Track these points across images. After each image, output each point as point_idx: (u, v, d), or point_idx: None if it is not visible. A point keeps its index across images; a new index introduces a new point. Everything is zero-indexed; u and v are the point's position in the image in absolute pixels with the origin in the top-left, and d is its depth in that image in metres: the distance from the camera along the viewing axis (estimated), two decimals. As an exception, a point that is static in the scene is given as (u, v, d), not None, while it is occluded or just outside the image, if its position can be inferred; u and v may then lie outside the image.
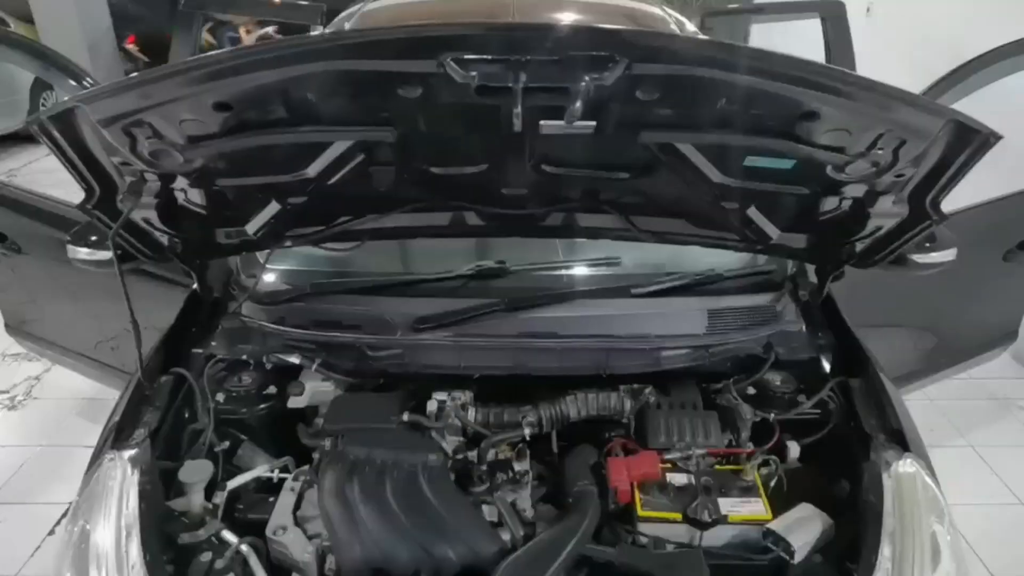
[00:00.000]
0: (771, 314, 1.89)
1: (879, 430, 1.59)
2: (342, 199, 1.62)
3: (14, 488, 2.99)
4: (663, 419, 1.71)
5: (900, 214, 1.49)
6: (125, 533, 1.36)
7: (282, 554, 1.48)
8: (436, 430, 1.68)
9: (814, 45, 2.99)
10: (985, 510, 2.88)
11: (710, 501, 1.51)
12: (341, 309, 1.84)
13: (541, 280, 1.92)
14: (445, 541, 1.43)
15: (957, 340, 2.85)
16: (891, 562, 1.33)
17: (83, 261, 1.99)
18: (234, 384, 1.82)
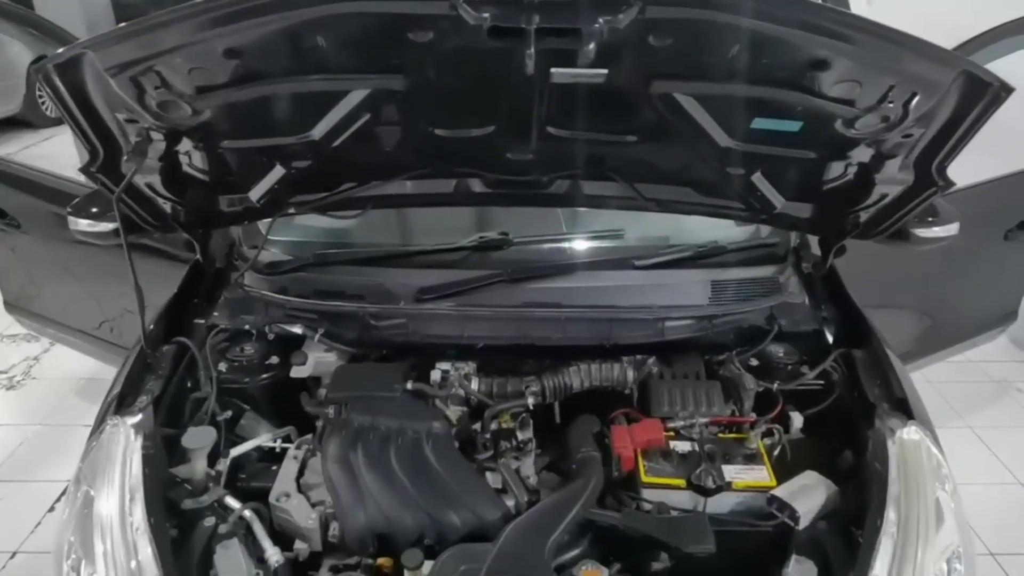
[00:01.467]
0: (774, 286, 1.88)
1: (883, 399, 1.59)
2: (346, 164, 1.61)
3: (13, 466, 2.99)
4: (666, 389, 1.71)
5: (905, 181, 1.48)
6: (129, 497, 1.36)
7: (285, 520, 1.48)
8: (440, 399, 1.67)
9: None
10: (984, 490, 2.89)
11: (714, 468, 1.51)
12: (344, 279, 1.83)
13: (544, 252, 1.91)
14: (449, 507, 1.43)
15: (957, 320, 2.85)
16: (896, 526, 1.33)
17: (84, 233, 1.98)
18: (236, 354, 1.81)
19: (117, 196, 1.43)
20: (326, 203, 1.68)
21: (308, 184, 1.64)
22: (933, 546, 1.32)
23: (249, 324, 1.82)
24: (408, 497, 1.45)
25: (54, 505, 2.76)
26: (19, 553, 2.56)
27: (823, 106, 1.31)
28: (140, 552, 1.28)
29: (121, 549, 1.28)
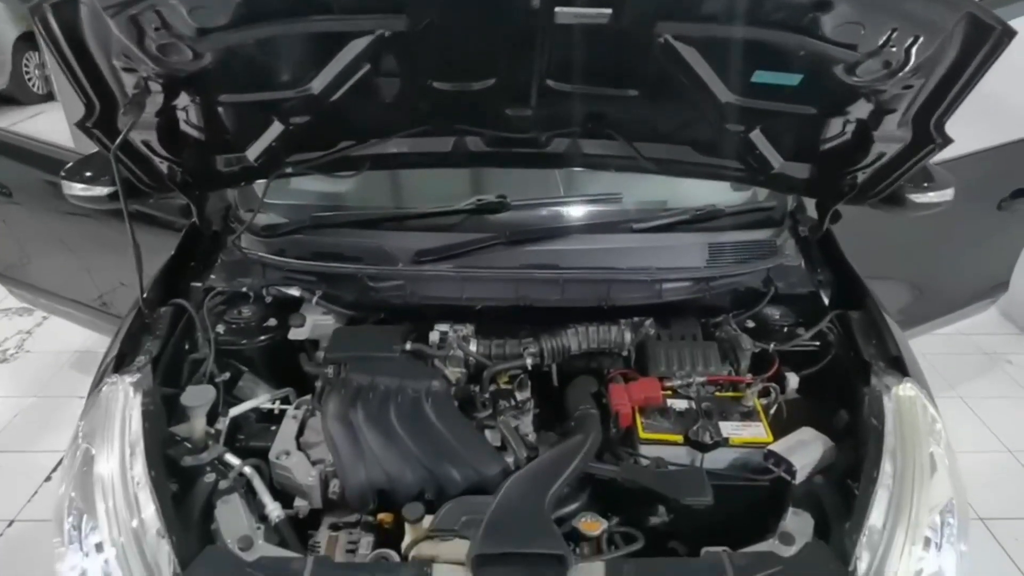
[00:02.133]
0: (771, 249, 1.89)
1: (878, 358, 1.60)
2: (344, 120, 1.59)
3: (9, 438, 2.99)
4: (663, 349, 1.72)
5: (904, 139, 1.48)
6: (129, 452, 1.36)
7: (286, 478, 1.48)
8: (439, 359, 1.68)
9: None
10: (974, 457, 2.93)
11: (711, 424, 1.52)
12: (341, 241, 1.83)
13: (541, 215, 1.91)
14: (450, 463, 1.44)
15: (949, 290, 2.87)
16: (891, 478, 1.35)
17: (78, 198, 1.97)
18: (234, 316, 1.81)
19: (115, 149, 1.42)
20: (323, 162, 1.67)
21: (306, 142, 1.63)
22: (928, 498, 1.34)
23: (246, 287, 1.81)
24: (408, 453, 1.46)
25: (51, 475, 2.76)
26: (16, 522, 2.56)
27: (825, 50, 1.30)
28: (142, 506, 1.28)
29: (122, 504, 1.28)
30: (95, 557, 1.27)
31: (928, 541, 1.30)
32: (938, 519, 1.34)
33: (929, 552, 1.30)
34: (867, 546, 1.27)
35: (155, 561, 1.23)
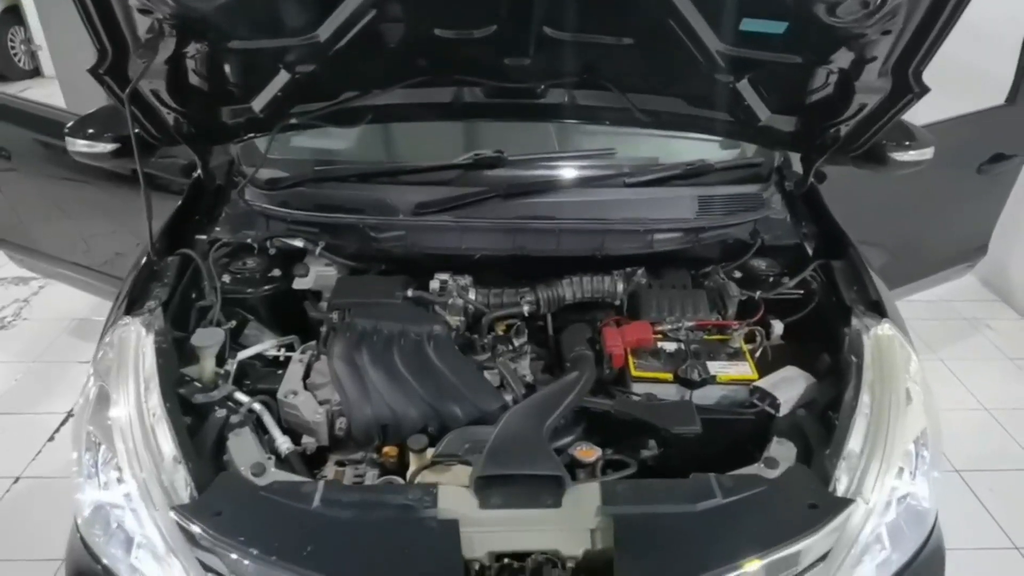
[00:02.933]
0: (758, 202, 1.96)
1: (859, 302, 1.68)
2: (348, 70, 1.64)
3: (11, 400, 3.03)
4: (654, 297, 1.79)
5: (884, 88, 1.55)
6: (144, 387, 1.41)
7: (293, 416, 1.54)
8: (439, 305, 1.74)
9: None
10: (952, 415, 3.03)
11: (699, 364, 1.59)
12: (343, 194, 1.88)
13: (538, 170, 1.97)
14: (451, 400, 1.51)
15: (932, 251, 2.95)
16: (869, 408, 1.43)
17: (81, 154, 2.01)
18: (239, 267, 1.86)
19: (129, 91, 1.46)
20: (327, 112, 1.72)
21: (310, 93, 1.68)
22: (903, 428, 1.42)
23: (251, 238, 1.86)
24: (411, 391, 1.52)
25: (54, 435, 2.82)
26: (22, 478, 2.61)
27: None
28: (158, 436, 1.34)
29: (139, 435, 1.34)
30: (114, 487, 1.33)
31: (903, 468, 1.38)
32: (912, 448, 1.42)
33: (903, 477, 1.39)
34: (845, 469, 1.35)
35: (172, 486, 1.28)
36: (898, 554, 1.35)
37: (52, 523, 2.40)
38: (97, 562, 1.32)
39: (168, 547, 1.24)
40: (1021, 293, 3.84)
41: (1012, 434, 2.94)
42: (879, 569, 1.32)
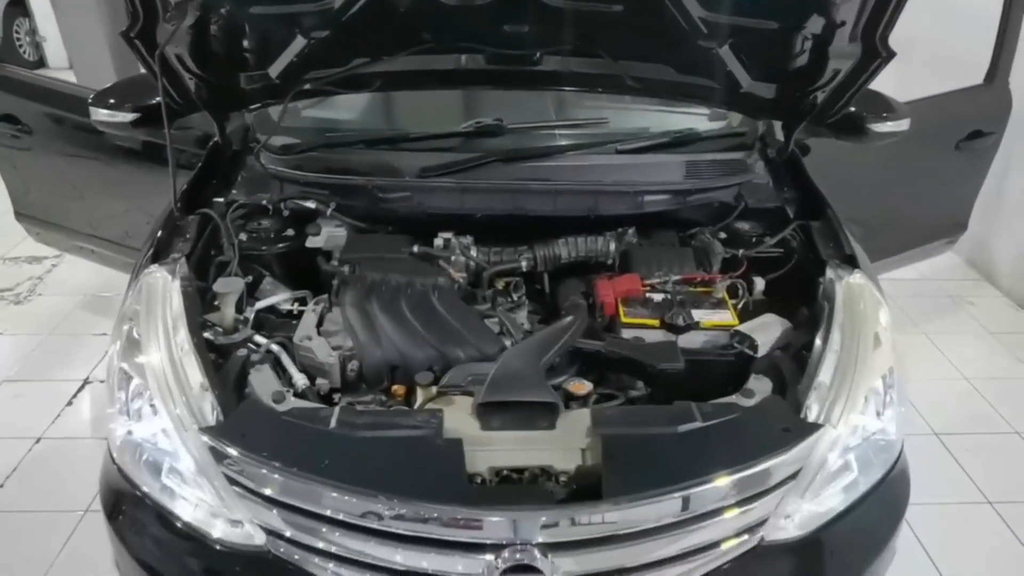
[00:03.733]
0: (742, 167, 2.09)
1: (834, 256, 1.80)
2: (359, 36, 1.76)
3: (30, 368, 3.15)
4: (644, 254, 1.91)
5: (854, 54, 1.67)
6: (172, 326, 1.53)
7: (309, 358, 1.66)
8: (443, 259, 1.87)
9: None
10: (934, 384, 3.17)
11: (684, 311, 1.71)
12: (353, 158, 2.00)
13: (535, 137, 2.09)
14: (455, 343, 1.63)
15: (913, 225, 3.07)
16: (839, 346, 1.55)
17: (104, 124, 2.13)
18: (254, 227, 1.98)
19: (159, 53, 1.58)
20: (338, 78, 1.84)
21: (322, 59, 1.80)
22: (871, 366, 1.54)
23: (266, 200, 1.98)
24: (418, 336, 1.65)
25: (72, 400, 2.94)
26: (43, 439, 2.73)
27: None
28: (187, 368, 1.46)
29: (169, 367, 1.46)
30: (146, 417, 1.45)
31: (867, 399, 1.51)
32: (880, 384, 1.54)
33: (870, 411, 1.51)
34: (816, 399, 1.47)
35: (200, 412, 1.40)
36: (865, 478, 1.47)
37: (72, 479, 2.55)
38: (131, 485, 1.44)
39: (198, 467, 1.36)
40: (1002, 272, 3.97)
41: (989, 401, 3.07)
42: (846, 490, 1.45)
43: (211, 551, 1.34)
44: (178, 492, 1.39)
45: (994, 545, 2.38)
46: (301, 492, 1.28)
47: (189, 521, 1.37)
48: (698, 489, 1.29)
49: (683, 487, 1.28)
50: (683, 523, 1.29)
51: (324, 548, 1.28)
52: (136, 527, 1.44)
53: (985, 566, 2.29)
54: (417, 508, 1.24)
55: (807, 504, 1.40)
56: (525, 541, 1.23)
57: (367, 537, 1.26)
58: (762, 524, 1.36)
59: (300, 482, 1.28)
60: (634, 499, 1.26)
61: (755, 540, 1.36)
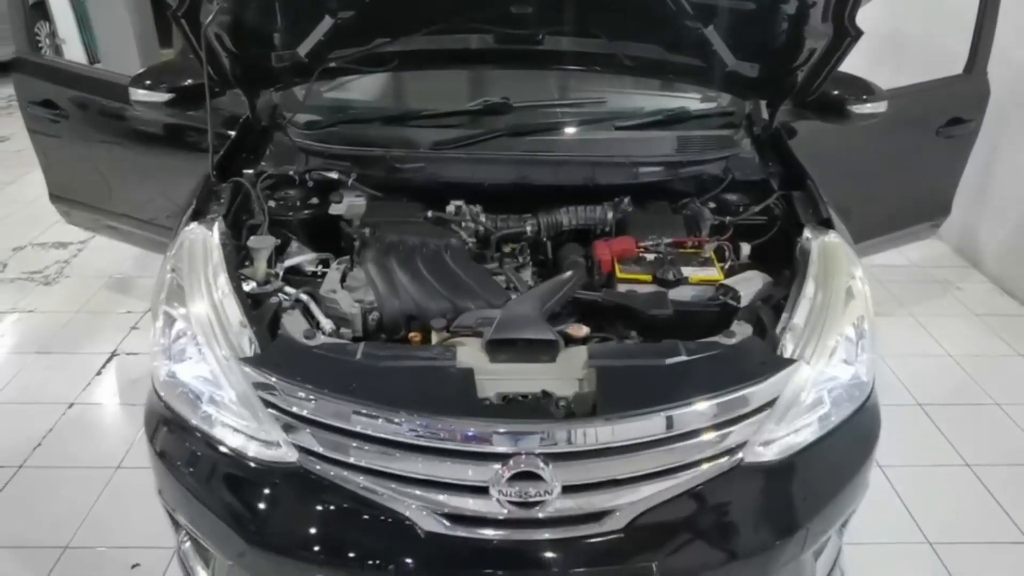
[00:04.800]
0: (730, 142, 2.26)
1: (812, 220, 1.97)
2: (379, 17, 1.94)
3: (61, 341, 3.33)
4: (639, 220, 2.08)
5: (827, 34, 1.84)
6: (212, 274, 1.71)
7: (333, 309, 1.82)
8: (455, 223, 2.04)
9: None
10: (918, 360, 3.32)
11: (675, 268, 1.88)
12: (372, 133, 2.18)
13: (539, 115, 2.27)
14: (466, 295, 1.80)
15: (896, 208, 3.22)
16: (814, 293, 1.71)
17: (141, 103, 2.32)
18: (282, 195, 2.15)
19: (204, 30, 1.76)
20: (360, 56, 2.02)
21: (347, 38, 1.97)
22: (843, 312, 1.69)
23: (292, 171, 2.16)
24: (432, 289, 1.82)
25: (101, 370, 3.12)
26: (75, 404, 2.91)
27: None
28: (226, 307, 1.63)
29: (210, 308, 1.62)
30: (189, 353, 1.61)
31: (839, 344, 1.66)
32: (852, 331, 1.70)
33: (841, 352, 1.66)
34: (791, 339, 1.63)
35: (239, 346, 1.57)
36: (837, 411, 1.62)
37: (103, 439, 2.73)
38: (173, 414, 1.61)
39: (237, 394, 1.52)
40: (988, 259, 4.13)
41: (971, 375, 3.23)
42: (820, 422, 1.60)
43: (248, 469, 1.50)
44: (218, 418, 1.55)
45: (970, 504, 2.53)
46: (331, 412, 1.45)
47: (228, 444, 1.52)
48: (681, 411, 1.45)
49: (667, 408, 1.44)
50: (668, 440, 1.44)
51: (351, 462, 1.44)
52: (179, 452, 1.59)
53: (963, 523, 2.44)
54: (435, 423, 1.40)
55: (782, 432, 1.55)
56: (528, 452, 1.39)
57: (390, 450, 1.42)
58: (741, 447, 1.51)
59: (330, 403, 1.45)
60: (624, 417, 1.42)
61: (735, 462, 1.50)
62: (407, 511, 1.41)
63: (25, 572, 2.16)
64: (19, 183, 5.22)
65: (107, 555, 2.23)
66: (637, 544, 1.43)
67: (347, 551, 1.43)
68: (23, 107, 3.03)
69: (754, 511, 1.52)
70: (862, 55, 2.92)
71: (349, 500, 1.43)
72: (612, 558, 1.42)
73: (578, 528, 1.42)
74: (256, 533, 1.47)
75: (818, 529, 1.59)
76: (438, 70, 2.21)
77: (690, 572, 1.47)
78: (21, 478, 2.53)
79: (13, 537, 2.28)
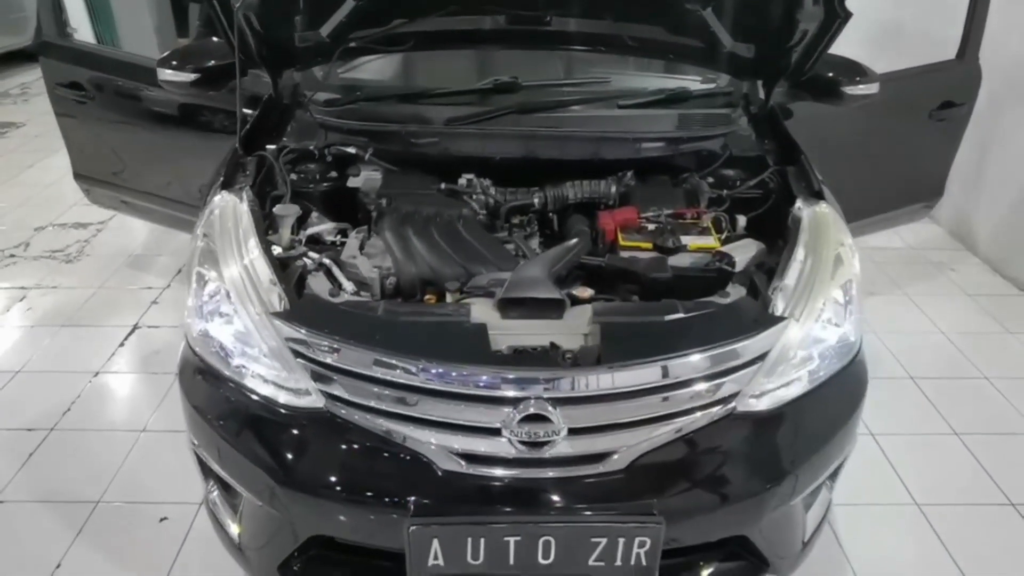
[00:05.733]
0: (728, 120, 2.37)
1: (804, 191, 2.08)
2: None
3: (85, 315, 3.47)
4: (640, 193, 2.20)
5: (818, 15, 1.95)
6: (242, 236, 1.83)
7: (353, 273, 1.94)
8: (466, 195, 2.16)
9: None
10: (911, 336, 3.44)
11: (674, 236, 2.00)
12: (388, 110, 2.30)
13: (547, 94, 2.38)
14: (478, 261, 1.92)
15: (889, 189, 3.33)
16: (804, 258, 1.82)
17: (168, 83, 2.44)
18: (302, 169, 2.27)
19: (238, 9, 1.88)
20: (379, 36, 2.14)
21: (366, 20, 2.09)
22: (833, 275, 1.79)
23: (313, 146, 2.28)
24: (446, 255, 1.94)
25: (124, 341, 3.25)
26: (100, 373, 3.04)
27: None
28: (257, 267, 1.75)
29: (241, 268, 1.74)
30: (223, 309, 1.72)
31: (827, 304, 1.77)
32: (840, 292, 1.81)
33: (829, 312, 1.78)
34: (781, 298, 1.74)
35: (269, 302, 1.69)
36: (826, 368, 1.74)
37: (129, 405, 2.87)
38: (206, 366, 1.73)
39: (268, 346, 1.65)
40: (982, 241, 4.24)
41: (961, 350, 3.34)
42: (809, 376, 1.71)
43: (279, 415, 1.62)
44: (250, 369, 1.67)
45: (956, 468, 2.66)
46: (356, 361, 1.56)
47: (260, 392, 1.64)
48: (677, 361, 1.57)
49: (665, 358, 1.56)
50: (665, 388, 1.56)
51: (375, 406, 1.56)
52: (212, 401, 1.71)
53: (948, 486, 2.56)
54: (452, 370, 1.53)
55: (772, 385, 1.66)
56: (538, 396, 1.51)
57: (410, 396, 1.55)
58: (733, 398, 1.62)
59: (356, 353, 1.57)
60: (625, 366, 1.55)
61: (727, 411, 1.61)
62: (426, 451, 1.54)
63: (62, 524, 2.30)
64: (38, 167, 5.35)
65: (137, 509, 2.37)
66: (637, 484, 1.55)
67: (369, 488, 1.56)
68: (50, 89, 3.16)
69: (746, 457, 1.64)
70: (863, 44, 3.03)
71: (372, 441, 1.56)
72: (614, 496, 1.54)
73: (582, 468, 1.54)
74: (286, 474, 1.59)
75: (806, 477, 1.71)
76: (451, 50, 2.32)
77: (687, 511, 1.59)
78: (53, 439, 2.66)
79: (49, 493, 2.42)
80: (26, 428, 2.71)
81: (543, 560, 1.52)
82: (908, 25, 4.58)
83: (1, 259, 4.02)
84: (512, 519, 1.51)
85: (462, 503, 1.53)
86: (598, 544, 1.51)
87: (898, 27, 4.61)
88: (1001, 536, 2.36)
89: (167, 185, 3.18)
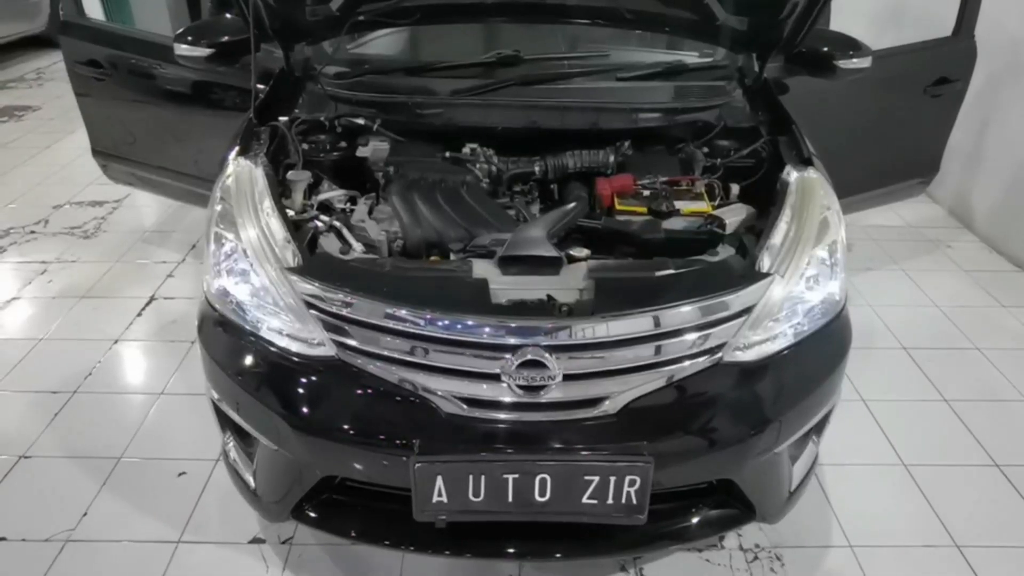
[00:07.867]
0: (723, 92, 2.46)
1: (794, 159, 2.16)
2: None
3: (103, 287, 3.59)
4: (637, 161, 2.29)
5: None
6: (258, 199, 1.93)
7: (362, 236, 2.04)
8: (470, 163, 2.26)
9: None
10: (906, 309, 3.52)
11: (668, 201, 2.10)
12: (395, 81, 2.40)
13: (548, 67, 2.47)
14: (480, 224, 2.02)
15: (884, 164, 3.40)
16: (790, 219, 1.91)
17: (184, 57, 2.54)
18: (313, 139, 2.38)
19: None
20: (387, 9, 2.23)
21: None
22: (818, 235, 1.88)
23: (323, 117, 2.37)
24: (450, 219, 2.04)
25: (141, 311, 3.37)
26: (119, 341, 3.17)
27: None
28: (272, 226, 1.85)
29: (257, 227, 1.84)
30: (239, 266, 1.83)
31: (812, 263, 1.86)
32: (826, 253, 1.89)
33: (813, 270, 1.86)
34: (768, 256, 1.83)
35: (284, 258, 1.80)
36: (810, 322, 1.83)
37: (148, 370, 2.99)
38: (224, 318, 1.84)
39: (283, 298, 1.75)
40: (979, 219, 4.30)
41: (955, 323, 3.42)
42: (794, 329, 1.80)
43: (293, 363, 1.72)
44: (265, 322, 1.78)
45: (944, 432, 2.74)
46: (367, 312, 1.67)
47: (276, 344, 1.75)
48: (667, 311, 1.66)
49: (655, 309, 1.66)
50: (655, 337, 1.65)
51: (384, 354, 1.66)
52: (230, 352, 1.81)
53: (935, 448, 2.65)
54: (455, 319, 1.63)
55: (758, 338, 1.75)
56: (535, 343, 1.61)
57: (415, 342, 1.65)
58: (720, 348, 1.71)
59: (366, 304, 1.67)
60: (617, 315, 1.64)
61: (714, 360, 1.70)
62: (430, 396, 1.64)
63: (87, 478, 2.42)
64: (54, 148, 5.48)
65: (156, 465, 2.49)
66: (628, 427, 1.65)
67: (378, 431, 1.67)
68: (70, 68, 3.27)
69: (731, 404, 1.73)
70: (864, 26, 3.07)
71: (381, 387, 1.66)
72: (606, 438, 1.64)
73: (576, 412, 1.64)
74: (300, 418, 1.70)
75: (790, 425, 1.80)
76: (456, 24, 2.41)
77: (676, 454, 1.69)
78: (75, 401, 2.79)
79: (74, 449, 2.54)
80: (51, 391, 2.83)
81: (539, 498, 1.63)
82: (912, 5, 4.63)
83: (22, 235, 4.14)
84: (510, 458, 1.61)
85: (464, 444, 1.63)
86: (591, 482, 1.60)
87: (901, 6, 4.66)
88: (985, 494, 2.45)
89: (181, 160, 3.29)
